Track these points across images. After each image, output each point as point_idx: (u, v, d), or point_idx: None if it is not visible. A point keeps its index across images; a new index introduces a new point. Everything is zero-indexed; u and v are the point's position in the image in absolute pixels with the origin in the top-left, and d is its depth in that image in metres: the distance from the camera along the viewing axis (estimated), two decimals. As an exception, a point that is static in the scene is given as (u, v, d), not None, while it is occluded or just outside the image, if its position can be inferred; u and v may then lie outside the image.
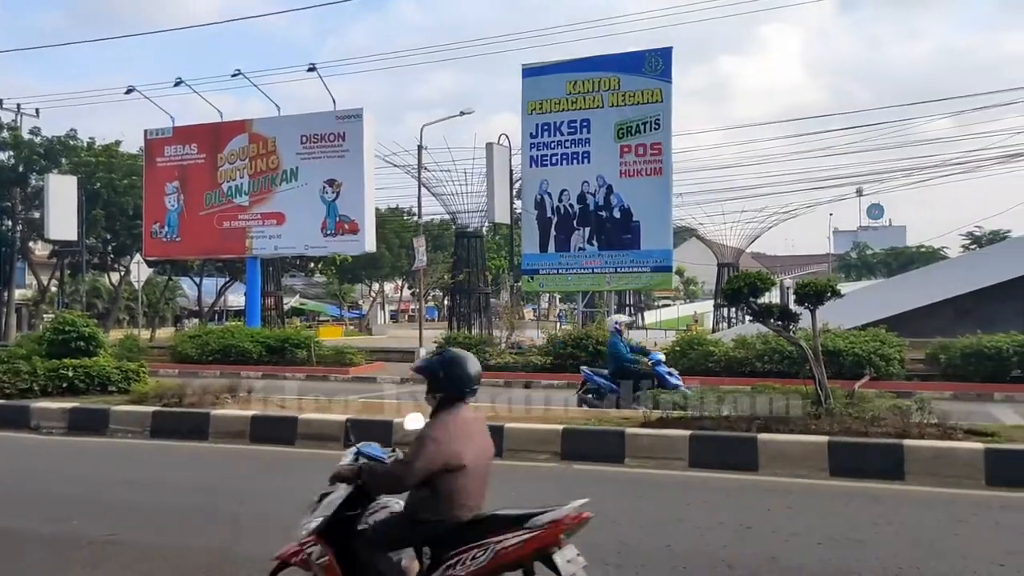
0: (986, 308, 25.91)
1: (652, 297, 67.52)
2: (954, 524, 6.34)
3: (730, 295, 9.65)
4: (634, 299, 54.97)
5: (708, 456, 8.42)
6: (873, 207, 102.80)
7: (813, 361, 9.17)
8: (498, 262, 49.52)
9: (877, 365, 16.73)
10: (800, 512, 6.80)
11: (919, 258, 74.05)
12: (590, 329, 21.21)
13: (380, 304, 62.20)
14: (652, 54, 22.46)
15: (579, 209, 23.14)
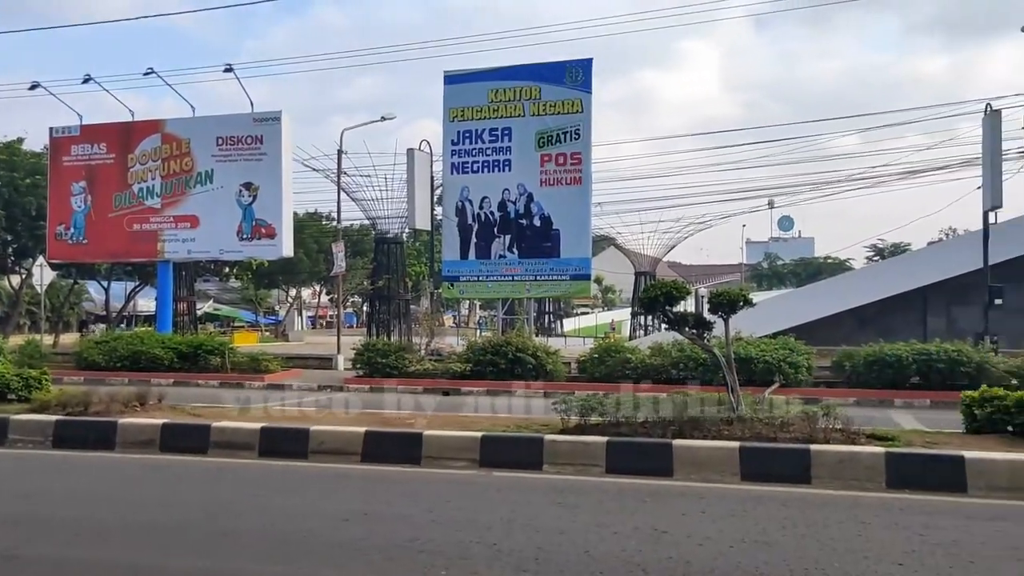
0: (887, 317, 27.08)
1: (571, 305, 68.21)
2: (857, 526, 6.58)
3: (647, 303, 9.84)
4: (553, 307, 55.48)
5: (625, 462, 8.55)
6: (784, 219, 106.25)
7: (726, 368, 9.43)
8: (418, 268, 49.30)
9: (786, 372, 17.29)
10: (713, 516, 6.96)
11: (826, 269, 76.84)
12: (510, 336, 21.30)
13: (297, 310, 61.11)
14: (573, 65, 22.75)
15: (500, 217, 23.25)
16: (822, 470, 7.99)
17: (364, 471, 9.01)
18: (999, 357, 17.67)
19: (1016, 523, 6.61)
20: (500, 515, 6.97)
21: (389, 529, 6.50)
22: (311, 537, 6.30)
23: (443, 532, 6.39)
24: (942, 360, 16.89)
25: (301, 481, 8.62)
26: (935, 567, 5.50)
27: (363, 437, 9.52)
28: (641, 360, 18.67)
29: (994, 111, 23.13)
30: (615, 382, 17.60)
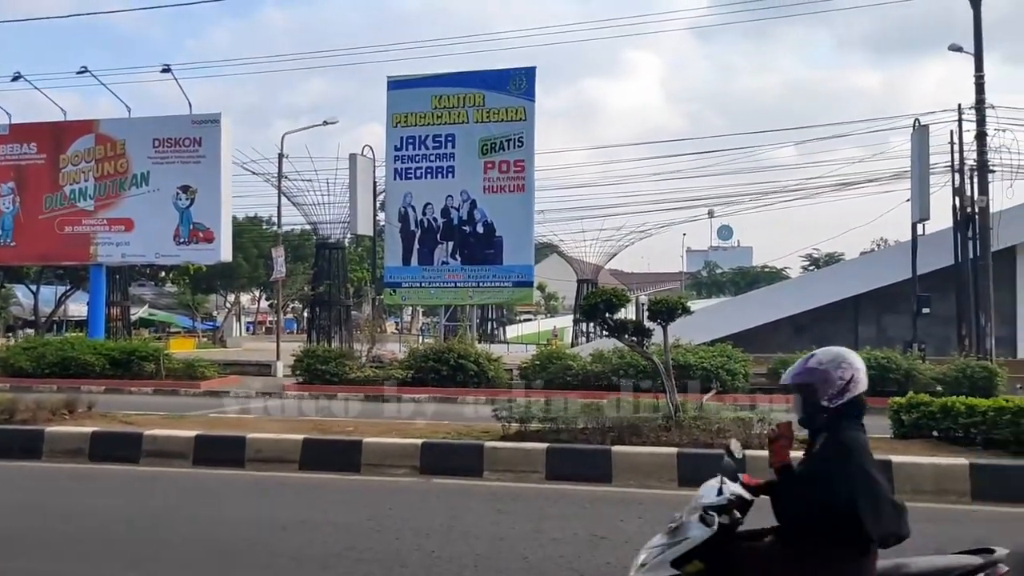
0: (821, 325, 27.77)
1: (514, 311, 68.37)
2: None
3: (587, 311, 9.94)
4: (496, 313, 55.57)
5: (564, 468, 8.60)
6: (723, 228, 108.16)
7: (664, 375, 9.56)
8: (360, 274, 48.89)
9: (724, 379, 17.59)
10: (651, 521, 7.03)
11: (764, 278, 78.42)
12: (452, 343, 21.26)
13: (236, 316, 60.05)
14: (517, 73, 22.87)
15: (443, 223, 23.22)
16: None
17: (302, 479, 8.90)
18: (926, 364, 18.27)
19: (937, 524, 6.82)
20: (439, 522, 6.95)
21: (326, 537, 6.43)
22: (246, 546, 6.20)
23: (382, 540, 6.35)
24: (872, 367, 17.31)
25: (237, 490, 8.48)
26: (863, 569, 5.65)
27: (301, 445, 9.40)
28: (582, 367, 18.80)
29: (922, 126, 23.92)
30: (557, 389, 17.69)
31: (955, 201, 23.74)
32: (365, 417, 12.89)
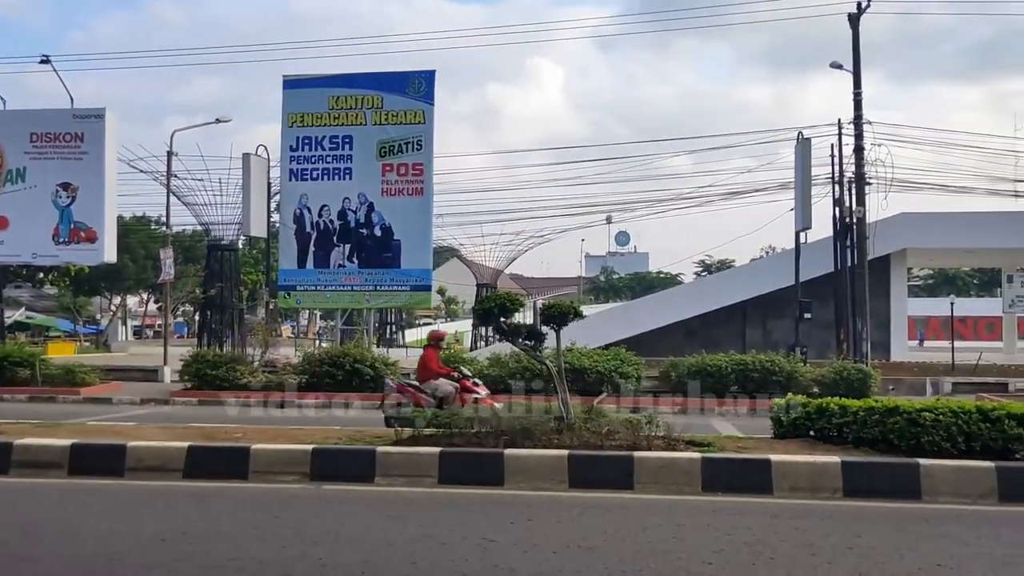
0: (711, 329, 28.71)
1: (413, 315, 67.98)
2: (673, 528, 6.92)
3: (481, 315, 9.98)
4: (395, 317, 55.10)
5: (457, 472, 8.60)
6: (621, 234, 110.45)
7: (556, 379, 9.69)
8: (255, 277, 47.70)
9: (617, 382, 17.97)
10: (540, 524, 7.12)
11: (659, 283, 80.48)
12: (348, 347, 20.99)
13: (122, 319, 57.61)
14: (416, 76, 22.78)
15: (339, 225, 22.89)
16: (644, 476, 8.34)
17: (186, 488, 8.61)
18: (807, 367, 19.12)
19: (813, 521, 7.15)
20: (328, 529, 6.85)
21: (208, 548, 6.25)
22: (120, 560, 5.95)
23: (267, 549, 6.21)
24: (757, 370, 18.08)
25: (115, 501, 8.14)
26: (740, 564, 5.87)
27: (186, 452, 9.10)
28: (479, 371, 18.84)
29: (805, 139, 25.05)
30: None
31: (835, 211, 24.98)
32: (256, 423, 12.56)
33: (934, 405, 8.83)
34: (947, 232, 29.22)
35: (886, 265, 28.79)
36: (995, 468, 7.99)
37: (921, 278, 71.59)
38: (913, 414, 8.68)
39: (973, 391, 19.55)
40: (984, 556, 6.07)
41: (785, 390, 15.86)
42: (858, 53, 24.13)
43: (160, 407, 18.19)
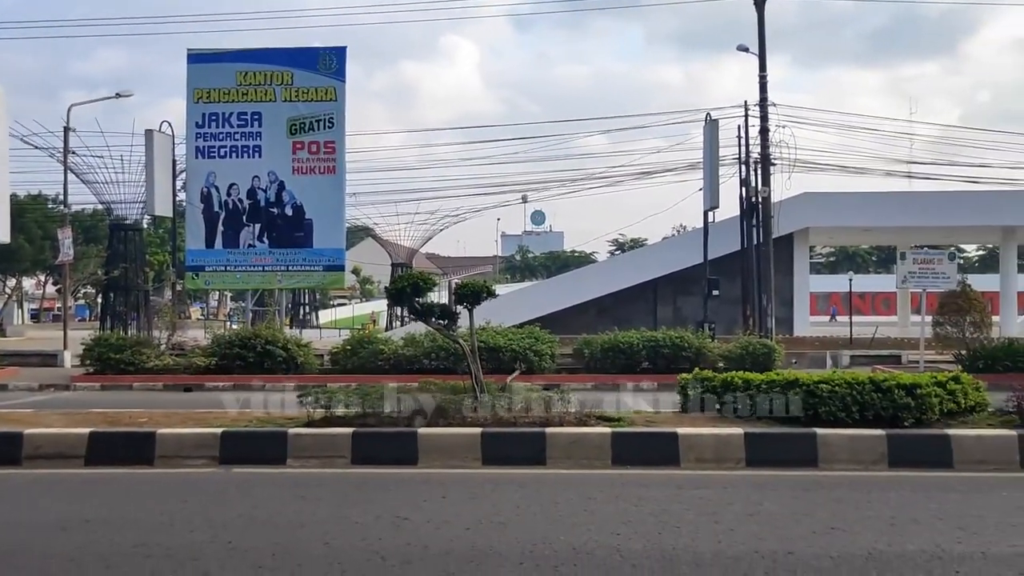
0: (624, 307, 29.25)
1: (328, 296, 67.08)
2: (584, 501, 7.08)
3: (393, 295, 9.94)
4: (309, 298, 54.28)
5: (371, 452, 8.59)
6: (536, 213, 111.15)
7: (470, 357, 9.75)
8: (161, 258, 46.25)
9: (531, 360, 18.15)
10: (453, 501, 7.19)
11: (574, 262, 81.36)
12: (259, 328, 20.61)
13: (18, 302, 55.05)
14: (326, 52, 22.35)
15: (249, 205, 22.36)
16: (556, 451, 8.49)
17: (88, 475, 8.36)
18: (715, 342, 19.69)
19: (716, 490, 7.42)
20: (238, 512, 6.77)
21: (112, 536, 6.10)
22: (15, 550, 5.76)
23: (174, 534, 6.10)
24: (667, 346, 18.53)
25: (11, 490, 7.85)
26: (647, 534, 6.06)
27: (88, 438, 8.81)
28: (394, 351, 18.81)
29: (712, 121, 25.64)
30: (369, 373, 17.61)
31: (742, 191, 25.69)
32: (163, 407, 12.24)
33: (830, 377, 9.24)
34: (846, 211, 30.40)
35: (790, 243, 29.79)
36: (886, 436, 8.43)
37: (823, 256, 74.41)
38: (811, 386, 9.07)
39: (869, 363, 20.50)
40: (874, 519, 6.42)
41: (694, 365, 16.30)
42: (763, 37, 24.77)
43: (60, 393, 17.52)
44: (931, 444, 8.40)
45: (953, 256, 20.06)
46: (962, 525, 6.19)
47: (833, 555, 5.47)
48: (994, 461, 8.22)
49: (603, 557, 5.49)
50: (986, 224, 31.88)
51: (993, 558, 5.37)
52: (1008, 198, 29.69)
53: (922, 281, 18.69)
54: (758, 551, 5.55)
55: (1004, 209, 30.06)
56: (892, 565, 5.28)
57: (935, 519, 6.40)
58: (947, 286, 19.42)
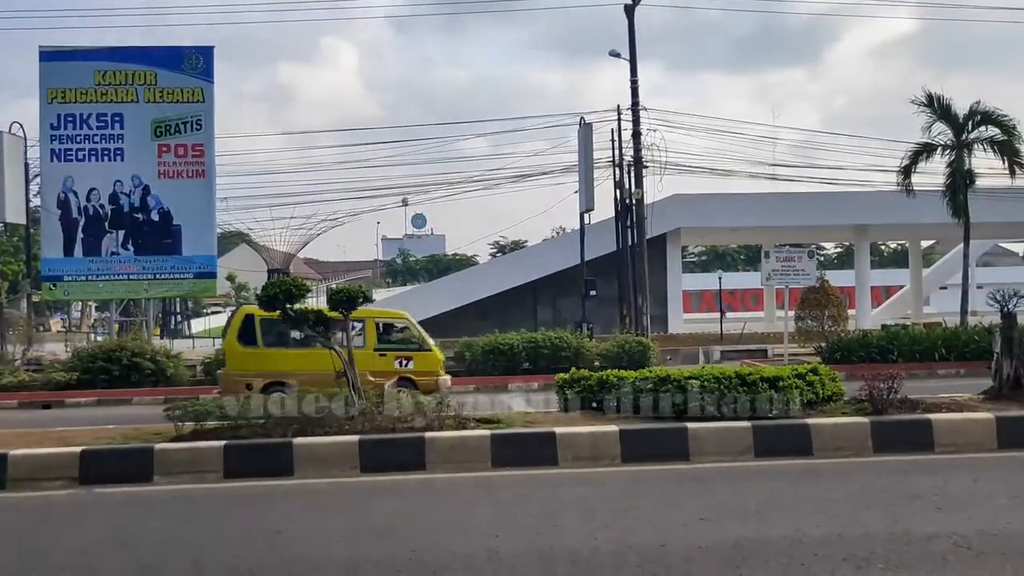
0: (505, 309, 29.48)
1: (201, 304, 64.60)
2: (463, 505, 7.09)
3: (265, 302, 9.67)
4: (181, 306, 52.15)
5: (244, 465, 8.31)
6: (417, 217, 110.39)
7: (346, 364, 9.60)
8: (15, 267, 43.42)
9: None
10: (330, 512, 7.05)
11: (455, 265, 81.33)
12: (124, 340, 19.65)
13: None
14: (192, 51, 21.57)
15: (111, 210, 21.32)
16: (436, 456, 8.45)
17: (-70, 504, 7.75)
18: (593, 342, 20.09)
19: (593, 487, 7.57)
20: (98, 536, 6.43)
21: (-43, 568, 5.67)
22: None
23: (27, 563, 5.73)
24: (547, 347, 18.78)
25: None
26: (525, 534, 6.11)
27: (-73, 465, 8.16)
28: (270, 359, 18.25)
29: (587, 124, 26.17)
30: (243, 383, 17.02)
31: (616, 193, 26.31)
32: (18, 427, 11.49)
33: (699, 373, 9.59)
34: (715, 212, 31.62)
35: (663, 244, 30.73)
36: (751, 427, 8.80)
37: (695, 255, 77.19)
38: (682, 382, 9.38)
39: (739, 358, 21.39)
40: (740, 508, 6.69)
41: (573, 364, 16.58)
42: (634, 43, 25.48)
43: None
44: (793, 434, 8.82)
45: (812, 254, 21.21)
46: (821, 509, 6.52)
47: (702, 545, 5.66)
48: (850, 447, 8.71)
49: (482, 560, 5.50)
50: (842, 223, 33.82)
51: (848, 539, 5.68)
52: (861, 198, 31.56)
53: (784, 278, 19.64)
54: (632, 545, 5.69)
55: (858, 209, 31.95)
56: (758, 552, 5.51)
57: (797, 505, 6.73)
58: (807, 282, 20.48)
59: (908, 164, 24.13)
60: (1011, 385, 10.26)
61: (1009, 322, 10.50)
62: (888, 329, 22.31)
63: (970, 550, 5.40)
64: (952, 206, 23.57)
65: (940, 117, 23.66)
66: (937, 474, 7.69)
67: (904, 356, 18.70)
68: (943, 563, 5.18)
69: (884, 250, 74.49)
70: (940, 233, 37.47)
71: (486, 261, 68.00)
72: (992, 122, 23.45)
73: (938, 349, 19.22)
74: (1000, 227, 35.47)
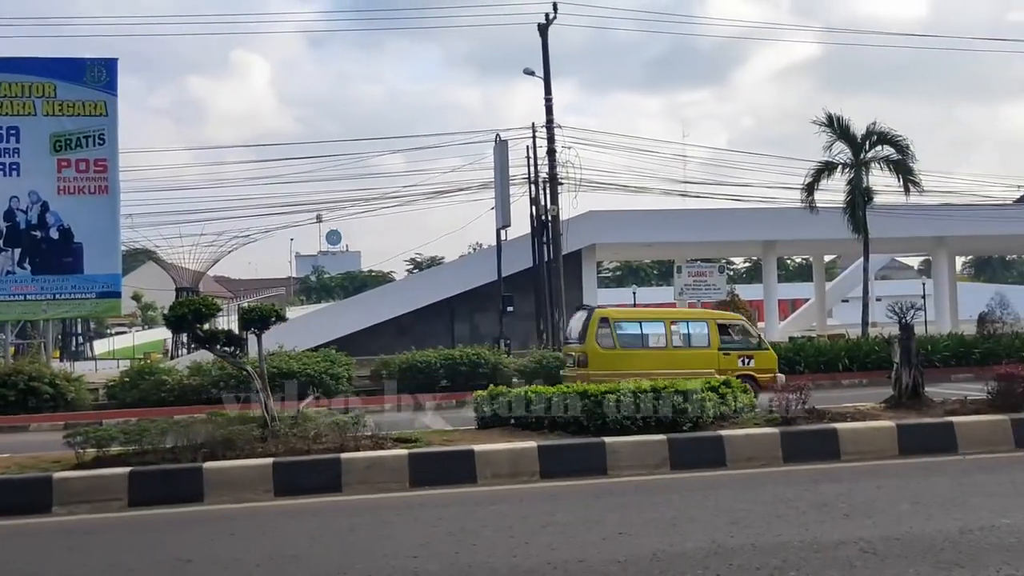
0: (422, 326, 29.27)
1: (105, 324, 62.26)
2: (382, 526, 6.97)
3: (173, 322, 9.36)
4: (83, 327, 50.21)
5: (151, 492, 7.99)
6: (332, 233, 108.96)
7: (260, 385, 9.36)
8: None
9: (327, 384, 17.71)
10: (243, 537, 6.84)
11: (371, 281, 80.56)
12: (20, 364, 18.74)
13: None
14: (95, 63, 20.83)
15: (7, 228, 20.34)
16: (352, 477, 8.30)
17: None
18: (510, 358, 20.13)
19: (512, 504, 7.55)
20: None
21: None
22: None
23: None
24: (464, 363, 18.73)
25: None
26: (444, 553, 6.04)
27: None
28: (179, 381, 17.75)
29: (502, 141, 26.34)
30: (151, 407, 16.52)
31: (532, 209, 26.51)
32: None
33: (616, 387, 9.69)
34: (629, 228, 32.14)
35: (578, 259, 31.04)
36: (667, 440, 8.95)
37: (610, 271, 78.37)
38: (599, 397, 9.47)
39: (653, 371, 21.71)
40: (657, 520, 6.77)
41: (491, 381, 16.54)
42: (547, 61, 25.80)
43: None
44: (707, 445, 9.00)
45: (723, 269, 21.80)
46: (735, 520, 6.65)
47: (620, 559, 5.69)
48: (762, 457, 8.94)
49: (400, 583, 5.41)
50: (750, 239, 34.82)
51: (761, 549, 5.80)
52: (768, 215, 32.53)
53: (696, 292, 20.14)
54: (551, 562, 5.68)
55: (765, 225, 32.95)
56: (674, 564, 5.57)
57: (711, 516, 6.85)
58: (718, 296, 21.05)
59: (811, 182, 25.05)
60: (909, 394, 10.72)
61: (907, 333, 10.97)
62: (795, 341, 23.03)
63: (875, 555, 5.58)
64: (852, 222, 24.54)
65: (840, 137, 24.65)
66: (843, 482, 7.95)
67: (810, 367, 19.34)
68: (851, 568, 5.34)
69: (790, 264, 77.09)
70: (842, 248, 39.00)
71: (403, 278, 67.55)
72: (888, 142, 24.56)
73: (842, 360, 19.94)
74: (897, 242, 37.14)
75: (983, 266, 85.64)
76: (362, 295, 42.30)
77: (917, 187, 24.68)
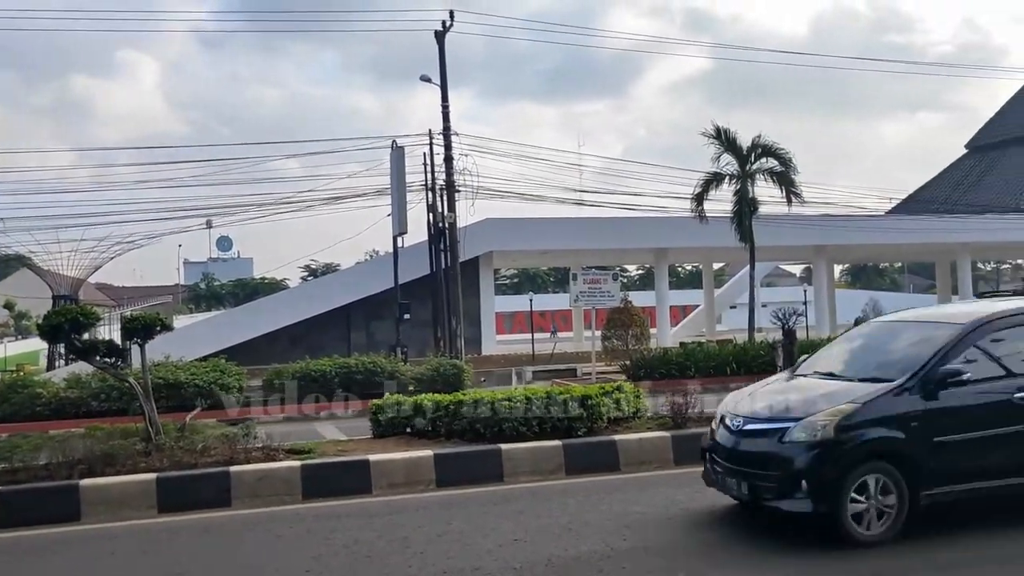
0: (317, 334, 28.69)
1: (-27, 335, 58.52)
2: (273, 540, 6.77)
3: (48, 331, 8.87)
4: (-52, 338, 46.93)
5: (21, 513, 7.53)
6: (223, 239, 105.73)
7: (142, 397, 8.97)
8: None
9: (217, 395, 17.08)
10: (124, 556, 6.54)
11: (264, 289, 78.44)
12: None
13: None
14: (-37, 57, 19.59)
15: None
16: (242, 490, 8.05)
17: None
18: (407, 365, 19.92)
19: (408, 514, 7.46)
20: None
21: None
22: None
23: None
24: (360, 372, 18.41)
25: None
26: (338, 567, 5.92)
27: None
28: (55, 394, 16.77)
29: (399, 148, 26.13)
30: (25, 421, 15.54)
31: (429, 217, 26.39)
32: None
33: (512, 394, 9.74)
34: (525, 235, 32.36)
35: (475, 266, 31.05)
36: (562, 445, 9.03)
37: (507, 278, 78.82)
38: (495, 404, 9.49)
39: (549, 377, 21.92)
40: (552, 526, 6.82)
41: (388, 389, 16.35)
42: (444, 69, 25.73)
43: None
44: (601, 450, 9.12)
45: (616, 276, 22.11)
46: (627, 523, 6.77)
47: (516, 566, 5.71)
48: (654, 460, 9.12)
49: (291, 598, 5.27)
50: (643, 246, 35.59)
51: (653, 551, 5.92)
52: (659, 224, 33.32)
53: (591, 299, 20.36)
54: (447, 571, 5.65)
55: (656, 233, 33.74)
56: (569, 568, 5.63)
57: (605, 520, 6.94)
58: (612, 303, 21.35)
59: (700, 192, 25.80)
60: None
61: (789, 338, 11.46)
62: (686, 346, 23.63)
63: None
64: (739, 231, 25.39)
65: (727, 149, 25.48)
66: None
67: (700, 371, 19.86)
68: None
69: (681, 271, 79.33)
70: (730, 256, 40.30)
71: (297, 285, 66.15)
72: (772, 154, 25.55)
73: (730, 364, 20.56)
74: (780, 250, 38.65)
75: (859, 274, 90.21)
76: (254, 303, 41.14)
77: (799, 198, 25.73)
